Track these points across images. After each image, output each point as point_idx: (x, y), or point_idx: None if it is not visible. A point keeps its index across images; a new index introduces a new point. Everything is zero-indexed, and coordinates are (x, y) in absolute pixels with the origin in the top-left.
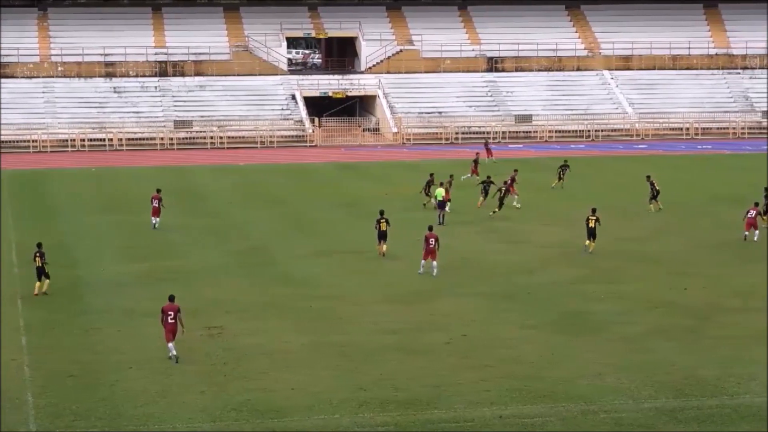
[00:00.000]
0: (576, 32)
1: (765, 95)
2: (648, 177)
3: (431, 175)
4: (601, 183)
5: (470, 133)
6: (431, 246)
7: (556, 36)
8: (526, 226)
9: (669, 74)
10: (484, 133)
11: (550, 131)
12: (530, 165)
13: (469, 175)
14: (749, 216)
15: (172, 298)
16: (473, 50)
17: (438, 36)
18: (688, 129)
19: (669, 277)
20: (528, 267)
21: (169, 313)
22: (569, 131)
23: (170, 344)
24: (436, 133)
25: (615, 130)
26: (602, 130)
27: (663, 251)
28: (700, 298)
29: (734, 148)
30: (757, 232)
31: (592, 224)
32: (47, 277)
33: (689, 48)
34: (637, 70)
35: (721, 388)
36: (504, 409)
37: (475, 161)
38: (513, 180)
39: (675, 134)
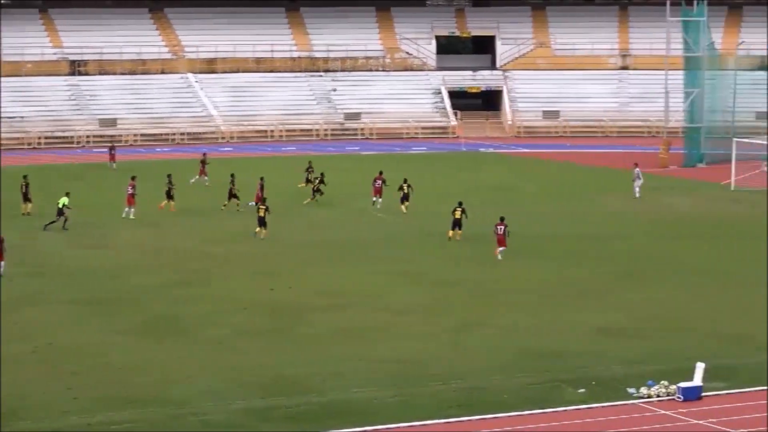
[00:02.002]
0: (159, 34)
1: (347, 97)
2: (405, 180)
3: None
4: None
5: (54, 138)
6: None
7: (140, 38)
8: (109, 230)
9: (253, 77)
10: (69, 137)
11: (135, 135)
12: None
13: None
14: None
15: None
16: (55, 53)
17: (16, 39)
18: (272, 131)
19: (255, 278)
20: (114, 271)
21: None
22: (154, 135)
23: None
24: (19, 138)
25: (201, 133)
26: (187, 134)
27: (248, 252)
28: (286, 297)
29: (318, 149)
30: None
31: (458, 215)
32: None
33: (272, 51)
34: (222, 73)
35: (309, 386)
36: (92, 416)
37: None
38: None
39: (260, 136)
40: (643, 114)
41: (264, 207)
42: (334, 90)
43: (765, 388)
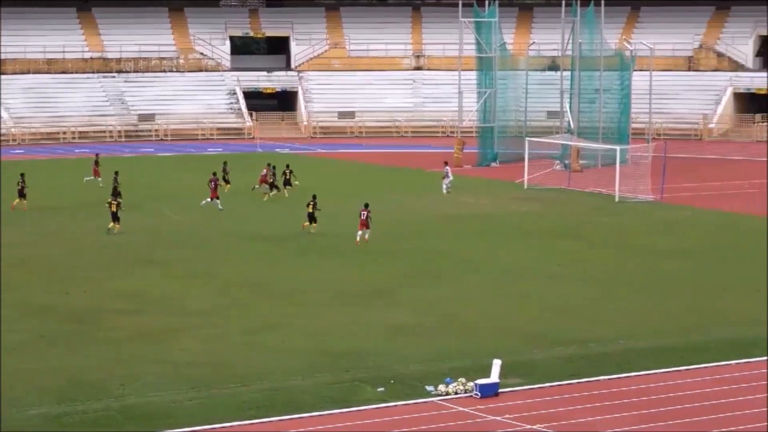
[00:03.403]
0: None
1: (141, 99)
2: (287, 166)
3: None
4: None
5: None
6: None
7: None
8: None
9: (45, 78)
10: None
11: None
12: None
13: None
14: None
15: None
16: None
17: None
18: (65, 133)
19: (50, 282)
20: None
21: None
22: None
23: None
24: None
25: None
26: None
27: (42, 255)
28: (82, 301)
29: (112, 150)
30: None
31: (310, 209)
32: None
33: (64, 52)
34: (11, 74)
35: (106, 391)
36: None
37: None
38: None
39: (52, 138)
40: (437, 114)
41: (116, 202)
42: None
43: (560, 383)
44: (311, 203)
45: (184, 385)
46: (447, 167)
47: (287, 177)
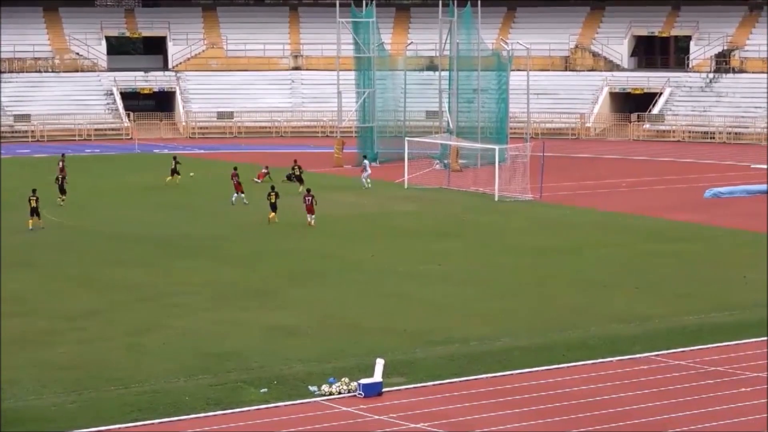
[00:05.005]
0: None
1: (16, 99)
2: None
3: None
4: None
5: None
6: None
7: None
8: None
9: None
10: None
11: None
12: None
13: None
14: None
15: None
16: None
17: None
18: None
19: None
20: None
21: None
22: None
23: None
24: None
25: None
26: None
27: None
28: None
29: None
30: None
31: (272, 199)
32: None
33: None
34: None
35: None
36: None
37: None
38: None
39: None
40: (316, 114)
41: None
42: None
43: (443, 381)
44: (272, 193)
45: (63, 388)
46: (365, 161)
47: (297, 173)
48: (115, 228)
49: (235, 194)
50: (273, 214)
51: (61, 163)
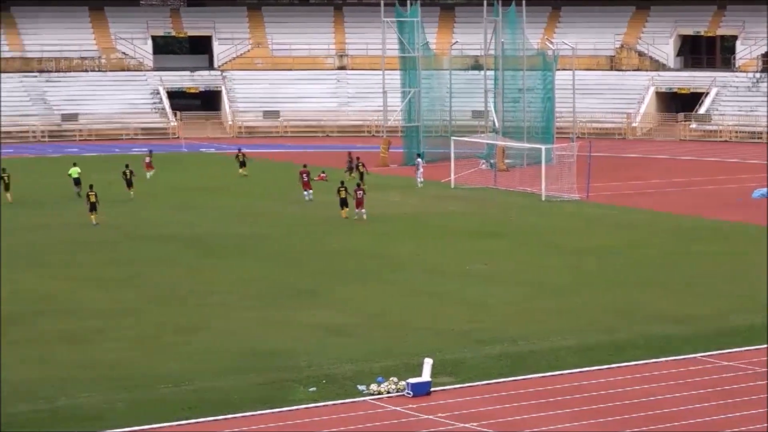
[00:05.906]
0: None
1: (64, 99)
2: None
3: None
4: None
5: None
6: None
7: None
8: None
9: None
10: None
11: None
12: None
13: None
14: None
15: None
16: None
17: None
18: None
19: None
20: None
21: None
22: None
23: None
24: None
25: None
26: None
27: None
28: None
29: (37, 151)
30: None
31: (343, 195)
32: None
33: None
34: None
35: (36, 393)
36: None
37: None
38: None
39: None
40: (362, 114)
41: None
42: None
43: (491, 381)
44: (341, 188)
45: (113, 387)
46: (419, 159)
47: (359, 167)
48: (162, 230)
49: (305, 192)
50: (345, 209)
51: (148, 158)
